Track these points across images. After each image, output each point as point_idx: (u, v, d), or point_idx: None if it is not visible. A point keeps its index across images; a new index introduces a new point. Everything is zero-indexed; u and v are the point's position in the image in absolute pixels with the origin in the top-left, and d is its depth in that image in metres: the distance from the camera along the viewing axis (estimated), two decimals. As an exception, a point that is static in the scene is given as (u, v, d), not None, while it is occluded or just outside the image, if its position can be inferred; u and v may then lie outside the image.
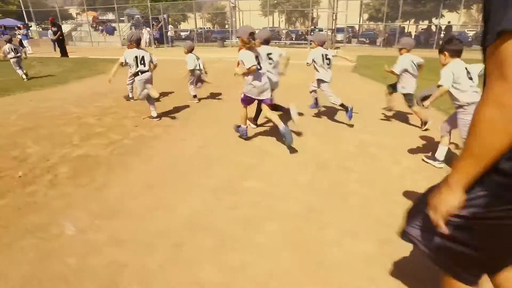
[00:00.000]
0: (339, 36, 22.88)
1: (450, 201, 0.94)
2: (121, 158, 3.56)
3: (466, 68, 2.90)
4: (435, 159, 3.24)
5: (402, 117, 5.07)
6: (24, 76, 8.54)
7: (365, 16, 29.74)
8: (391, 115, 5.14)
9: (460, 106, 2.92)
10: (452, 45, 2.94)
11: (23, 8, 30.52)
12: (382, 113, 5.24)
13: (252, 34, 3.56)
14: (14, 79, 8.84)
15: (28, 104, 6.12)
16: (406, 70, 4.23)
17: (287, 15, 38.41)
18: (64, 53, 14.79)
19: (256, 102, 3.93)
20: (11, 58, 8.41)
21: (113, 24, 28.20)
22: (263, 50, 3.88)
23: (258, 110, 4.48)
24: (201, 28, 37.66)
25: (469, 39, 23.11)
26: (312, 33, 26.42)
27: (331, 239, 2.16)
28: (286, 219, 2.40)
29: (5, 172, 3.20)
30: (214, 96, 6.84)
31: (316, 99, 5.16)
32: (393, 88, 4.62)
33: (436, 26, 20.85)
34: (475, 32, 26.23)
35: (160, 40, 23.27)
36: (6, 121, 4.99)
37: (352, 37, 26.24)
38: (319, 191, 2.81)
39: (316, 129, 4.50)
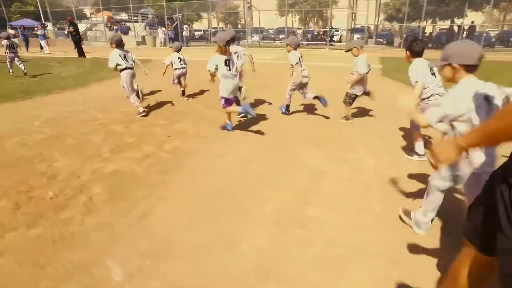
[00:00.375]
0: (355, 37, 22.24)
1: (450, 154, 1.19)
2: (160, 176, 3.18)
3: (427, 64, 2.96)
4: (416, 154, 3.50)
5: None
6: (11, 71, 9.53)
7: (381, 16, 28.98)
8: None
9: (423, 99, 3.21)
10: (414, 46, 3.18)
11: (40, 9, 30.77)
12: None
13: (228, 42, 3.96)
14: (34, 80, 8.64)
15: (51, 108, 5.83)
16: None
17: (304, 15, 37.90)
18: (81, 53, 14.64)
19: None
20: (8, 53, 9.29)
21: (128, 24, 28.19)
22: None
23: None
24: (214, 28, 37.54)
25: (492, 40, 22.18)
26: (332, 32, 25.91)
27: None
28: (372, 262, 1.98)
29: (34, 191, 2.86)
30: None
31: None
32: None
33: (459, 26, 20.03)
34: (497, 32, 25.23)
35: (175, 39, 23.01)
36: (30, 128, 4.69)
37: (368, 38, 25.54)
38: (395, 222, 2.37)
39: (370, 143, 4.05)
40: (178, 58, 6.41)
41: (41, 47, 18.05)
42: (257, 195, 2.80)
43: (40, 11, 30.78)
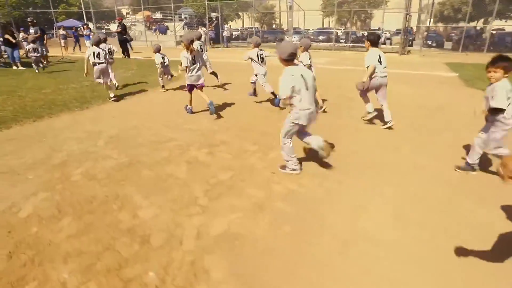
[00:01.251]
0: (395, 39, 20.38)
1: None
2: (298, 246, 2.17)
3: (379, 55, 4.38)
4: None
5: None
6: (36, 70, 10.13)
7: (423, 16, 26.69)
8: None
9: (374, 76, 4.41)
10: (372, 36, 4.48)
11: (83, 9, 31.47)
12: None
13: (192, 41, 5.03)
14: (87, 85, 8.06)
15: (112, 122, 5.07)
16: None
17: (340, 15, 36.07)
18: (126, 54, 14.24)
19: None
20: (32, 55, 9.96)
21: (166, 23, 28.03)
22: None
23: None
24: (250, 28, 36.76)
25: None
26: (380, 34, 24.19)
27: None
28: None
29: (128, 270, 1.95)
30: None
31: (254, 89, 6.27)
32: None
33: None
34: None
35: (215, 40, 22.40)
36: (95, 151, 3.90)
37: (412, 40, 23.46)
38: None
39: (419, 162, 2.82)
40: (162, 56, 7.36)
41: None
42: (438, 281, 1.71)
43: (83, 12, 31.44)
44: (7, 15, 30.98)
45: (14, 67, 10.68)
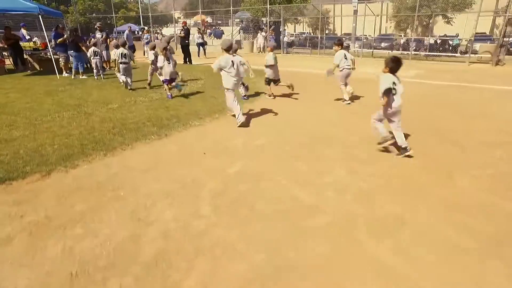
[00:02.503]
0: (485, 47, 17.06)
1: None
2: None
3: (344, 54, 6.21)
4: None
5: None
6: (96, 77, 9.62)
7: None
8: None
9: (341, 70, 6.26)
10: (339, 41, 6.41)
11: (141, 14, 32.09)
12: None
13: (165, 48, 6.43)
14: (156, 98, 6.88)
15: (207, 164, 3.62)
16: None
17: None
18: (189, 60, 13.26)
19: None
20: (93, 59, 9.44)
21: (222, 28, 27.31)
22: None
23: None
24: (303, 33, 34.92)
25: None
26: (456, 41, 21.02)
27: None
28: None
29: None
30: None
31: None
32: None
33: None
34: None
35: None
36: (202, 226, 2.41)
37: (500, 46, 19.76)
38: None
39: None
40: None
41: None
42: None
43: (141, 16, 32.03)
44: (75, 21, 32.66)
45: (79, 76, 9.97)
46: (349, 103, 6.47)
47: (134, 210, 2.69)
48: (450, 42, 21.48)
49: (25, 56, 12.08)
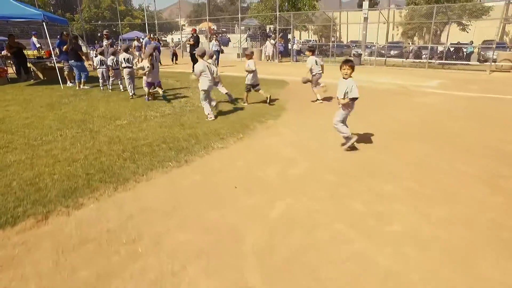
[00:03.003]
0: (503, 54, 16.30)
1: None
2: None
3: (315, 60, 6.94)
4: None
5: None
6: (102, 87, 8.96)
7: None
8: None
9: (313, 74, 7.00)
10: (310, 48, 7.33)
11: (146, 21, 31.82)
12: None
13: (151, 54, 6.91)
14: (168, 113, 6.24)
15: (242, 204, 2.94)
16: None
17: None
18: (198, 69, 12.72)
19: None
20: (98, 68, 8.78)
21: (229, 35, 26.90)
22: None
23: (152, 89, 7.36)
24: (309, 40, 34.47)
25: None
26: (469, 48, 20.40)
27: None
28: None
29: None
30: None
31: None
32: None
33: None
34: None
35: (283, 53, 20.44)
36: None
37: None
38: None
39: None
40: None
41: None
42: None
43: (146, 24, 31.76)
44: (80, 29, 32.45)
45: (83, 86, 9.35)
46: (321, 102, 7.25)
47: (157, 279, 2.01)
48: (464, 50, 20.86)
49: (28, 65, 11.58)
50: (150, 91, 7.35)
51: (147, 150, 4.15)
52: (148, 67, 6.87)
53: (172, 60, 18.83)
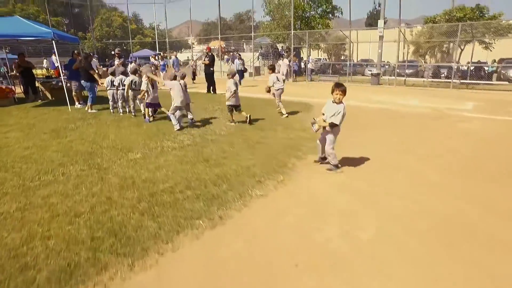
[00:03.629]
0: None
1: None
2: None
3: (277, 76, 7.78)
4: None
5: None
6: (111, 110, 8.38)
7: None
8: None
9: (276, 89, 7.75)
10: (271, 66, 8.13)
11: (157, 40, 31.89)
12: None
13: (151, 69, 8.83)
14: (188, 144, 5.42)
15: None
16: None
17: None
18: (213, 89, 12.03)
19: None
20: (109, 90, 8.23)
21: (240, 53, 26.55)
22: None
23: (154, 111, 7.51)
24: (319, 59, 34.10)
25: None
26: (491, 66, 19.62)
27: None
28: None
29: None
30: None
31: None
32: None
33: None
34: None
35: (297, 72, 19.85)
36: None
37: None
38: None
39: None
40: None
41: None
42: None
43: (156, 42, 31.81)
44: (92, 47, 32.65)
45: (91, 110, 8.63)
46: (287, 116, 7.71)
47: None
48: (486, 68, 20.09)
49: (37, 84, 11.05)
50: (150, 113, 7.31)
51: (169, 199, 3.29)
52: (147, 86, 6.85)
53: (193, 79, 18.20)
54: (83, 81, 8.48)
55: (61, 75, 9.31)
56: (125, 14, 40.10)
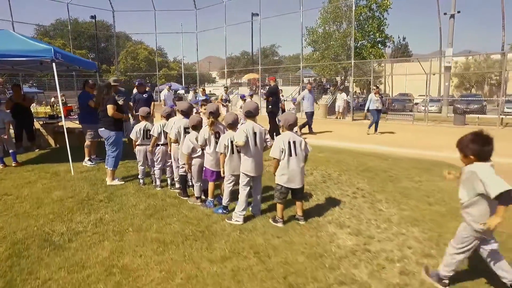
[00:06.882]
0: None
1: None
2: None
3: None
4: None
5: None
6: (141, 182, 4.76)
7: None
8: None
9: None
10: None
11: (183, 73, 29.75)
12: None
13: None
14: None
15: None
16: None
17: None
18: (277, 134, 8.63)
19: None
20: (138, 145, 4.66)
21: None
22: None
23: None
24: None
25: None
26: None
27: None
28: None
29: None
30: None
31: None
32: None
33: None
34: None
35: (356, 108, 16.43)
36: None
37: None
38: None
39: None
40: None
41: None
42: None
43: (183, 75, 29.66)
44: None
45: (109, 181, 4.81)
46: None
47: None
48: None
49: (37, 126, 7.91)
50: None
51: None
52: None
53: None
54: (102, 129, 4.91)
55: (62, 113, 5.99)
56: (150, 47, 39.07)
